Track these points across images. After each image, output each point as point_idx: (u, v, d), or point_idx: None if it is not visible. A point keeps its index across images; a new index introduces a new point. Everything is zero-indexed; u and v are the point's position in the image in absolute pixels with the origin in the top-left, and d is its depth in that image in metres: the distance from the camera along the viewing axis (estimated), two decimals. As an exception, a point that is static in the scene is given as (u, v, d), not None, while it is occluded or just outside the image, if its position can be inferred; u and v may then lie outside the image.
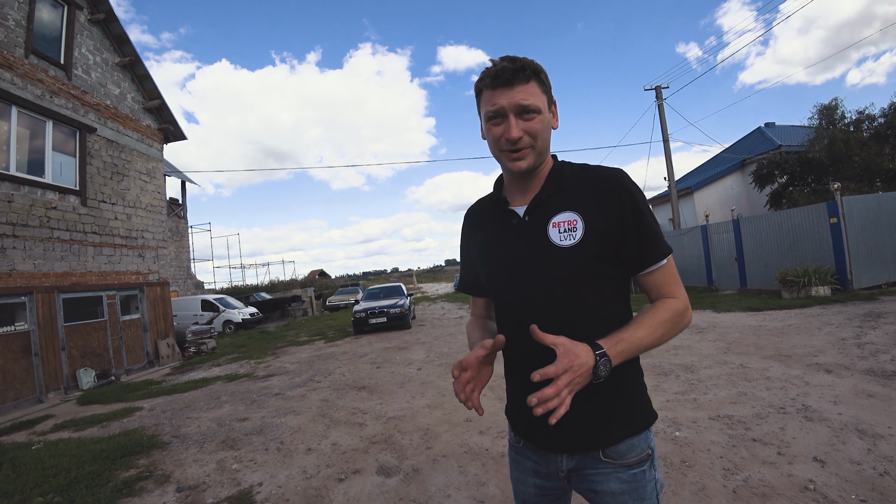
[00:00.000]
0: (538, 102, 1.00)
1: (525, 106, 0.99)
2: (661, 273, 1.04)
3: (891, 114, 13.59)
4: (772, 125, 22.15)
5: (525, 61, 1.01)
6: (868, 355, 4.90)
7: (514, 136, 0.99)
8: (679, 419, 3.70)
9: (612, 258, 1.02)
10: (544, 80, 1.04)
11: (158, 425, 5.08)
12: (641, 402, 1.09)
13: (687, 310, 1.04)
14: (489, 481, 3.00)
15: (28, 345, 6.98)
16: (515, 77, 0.99)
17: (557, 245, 1.02)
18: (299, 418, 4.84)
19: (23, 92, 7.15)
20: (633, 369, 1.07)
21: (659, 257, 1.03)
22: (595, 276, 1.03)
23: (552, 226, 1.04)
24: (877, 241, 9.76)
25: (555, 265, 1.02)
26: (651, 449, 1.06)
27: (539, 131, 1.02)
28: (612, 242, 1.01)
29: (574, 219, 1.02)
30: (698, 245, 13.90)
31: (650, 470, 1.05)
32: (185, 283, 21.25)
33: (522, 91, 0.99)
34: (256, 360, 9.28)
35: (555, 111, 1.09)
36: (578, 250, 1.00)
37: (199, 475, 3.55)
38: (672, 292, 1.05)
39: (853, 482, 2.51)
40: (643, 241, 1.01)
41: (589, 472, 1.05)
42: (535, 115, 1.00)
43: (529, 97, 0.99)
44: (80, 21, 8.57)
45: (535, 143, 1.02)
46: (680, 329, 1.04)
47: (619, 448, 1.03)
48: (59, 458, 3.97)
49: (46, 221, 7.44)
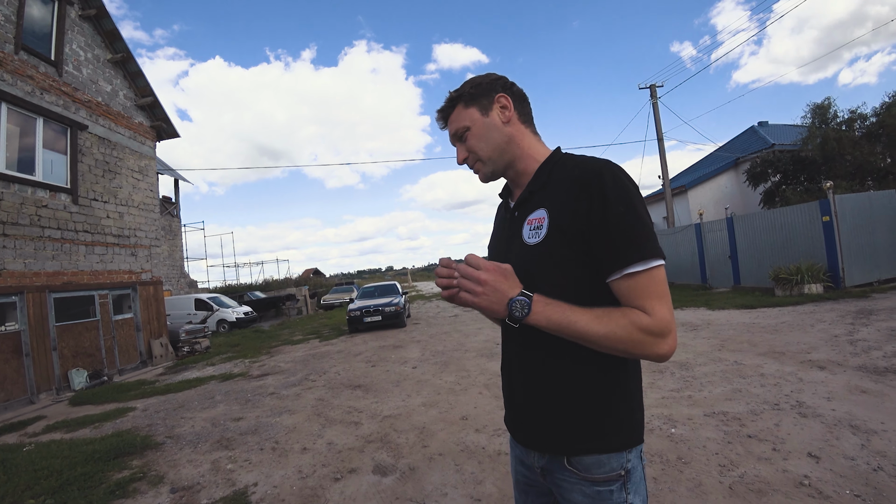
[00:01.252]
0: (463, 122, 1.10)
1: (455, 132, 1.12)
2: (634, 281, 0.90)
3: (882, 113, 13.69)
4: (765, 124, 22.29)
5: (449, 95, 1.13)
6: (860, 352, 4.94)
7: (460, 160, 1.14)
8: (674, 416, 3.71)
9: (584, 259, 0.95)
10: (467, 96, 1.10)
11: (152, 426, 5.04)
12: (619, 419, 1.00)
13: (660, 336, 0.88)
14: (486, 479, 3.00)
15: (19, 345, 6.90)
16: (445, 115, 1.15)
17: (526, 242, 1.03)
18: (294, 417, 4.81)
19: (12, 88, 7.05)
20: (615, 379, 1.00)
21: (627, 261, 0.89)
22: (564, 277, 0.97)
23: (527, 223, 1.05)
24: (869, 240, 9.84)
25: (522, 262, 1.01)
26: (625, 471, 0.98)
27: (475, 144, 1.10)
28: (579, 241, 0.94)
29: (542, 216, 1.01)
30: (692, 243, 13.98)
31: (620, 492, 0.98)
32: (179, 282, 21.10)
33: (452, 122, 1.13)
34: (251, 360, 9.23)
35: (503, 104, 1.09)
36: (541, 248, 0.99)
37: (194, 476, 3.52)
38: (644, 306, 0.89)
39: (847, 477, 2.53)
40: (610, 241, 0.91)
41: (557, 476, 1.04)
42: (466, 134, 1.11)
43: (455, 122, 1.12)
44: (71, 17, 8.46)
45: (479, 156, 1.11)
46: (643, 351, 0.90)
47: (583, 460, 0.99)
48: (50, 459, 3.92)
49: (37, 220, 7.36)
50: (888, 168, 13.39)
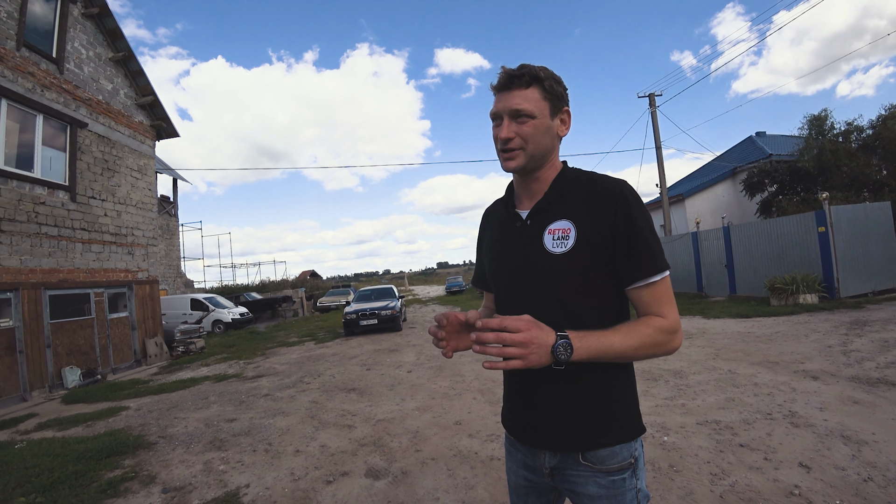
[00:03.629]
0: (532, 108, 1.04)
1: (518, 110, 1.05)
2: (652, 290, 1.02)
3: (878, 125, 13.81)
4: (763, 134, 22.44)
5: (528, 68, 1.06)
6: (854, 363, 4.96)
7: (504, 136, 1.06)
8: (667, 424, 3.72)
9: (604, 268, 1.03)
10: (548, 87, 1.06)
11: (145, 425, 5.02)
12: (626, 412, 1.08)
13: (675, 333, 1.01)
14: (478, 484, 3.00)
15: (12, 342, 6.86)
16: (512, 83, 1.06)
17: (550, 252, 1.05)
18: (288, 419, 4.80)
19: (13, 85, 7.06)
20: (620, 377, 1.07)
21: (649, 273, 1.01)
22: (586, 284, 1.04)
23: (548, 232, 1.07)
24: (864, 251, 9.91)
25: (546, 270, 1.06)
26: (634, 458, 1.06)
27: (530, 135, 1.06)
28: (604, 252, 1.02)
29: (568, 227, 1.05)
30: (689, 251, 14.03)
31: (631, 479, 1.05)
32: (175, 282, 21.04)
33: (519, 96, 1.05)
34: (246, 361, 9.20)
35: (565, 119, 1.12)
36: (569, 258, 1.03)
37: (186, 476, 3.51)
38: (661, 311, 1.02)
39: (838, 487, 2.54)
40: (633, 254, 1.01)
41: (570, 473, 1.08)
42: (527, 120, 1.05)
43: (524, 102, 1.05)
44: (74, 15, 8.48)
45: (525, 145, 1.06)
46: (663, 349, 1.01)
47: (598, 453, 1.04)
48: (42, 457, 3.90)
49: (34, 216, 7.34)
50: (884, 180, 13.49)
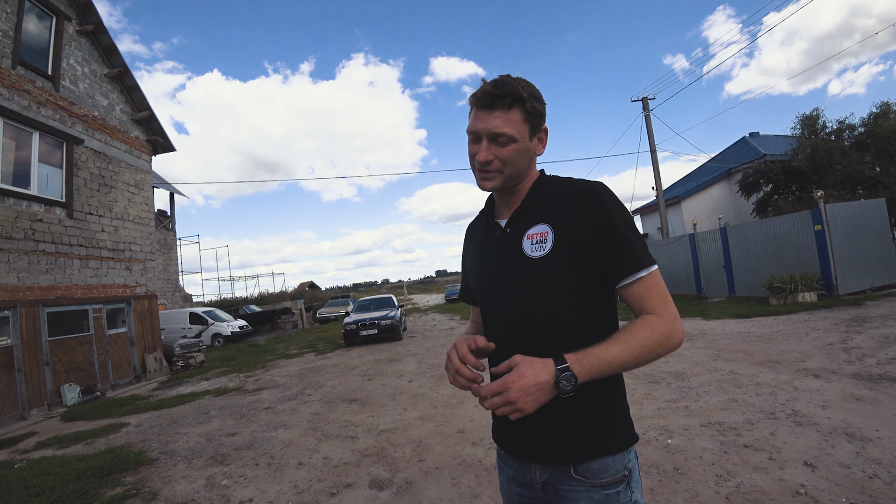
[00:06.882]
0: (513, 131, 1.01)
1: (498, 134, 1.01)
2: (641, 287, 0.99)
3: (870, 123, 13.94)
4: (756, 135, 22.61)
5: (510, 87, 1.00)
6: (855, 359, 4.97)
7: (483, 160, 1.03)
8: (671, 427, 3.71)
9: (587, 270, 1.01)
10: (530, 108, 1.02)
11: (145, 441, 4.98)
12: (619, 421, 1.05)
13: (673, 329, 0.98)
14: (483, 493, 2.98)
15: (11, 360, 6.82)
16: (495, 103, 1.00)
17: (529, 256, 1.05)
18: (290, 432, 4.77)
19: (9, 103, 7.08)
20: (609, 386, 1.04)
21: (634, 268, 0.99)
22: (568, 287, 1.02)
23: (526, 237, 1.07)
24: (860, 248, 9.95)
25: (525, 275, 1.04)
26: (628, 470, 1.02)
27: (510, 159, 1.04)
28: (584, 253, 1.00)
29: (545, 230, 1.04)
30: (687, 253, 14.07)
31: (626, 492, 1.01)
32: (174, 296, 20.96)
33: (500, 118, 1.01)
34: (246, 374, 9.15)
35: (542, 137, 1.10)
36: (548, 261, 1.02)
37: (188, 492, 3.47)
38: (654, 308, 0.99)
39: (843, 485, 2.53)
40: (616, 252, 0.99)
41: (562, 488, 1.04)
42: (508, 143, 1.02)
43: (505, 125, 1.01)
44: (69, 32, 8.54)
45: (503, 168, 1.05)
46: (665, 349, 0.97)
47: (590, 466, 1.00)
48: (42, 476, 3.87)
49: (31, 234, 7.33)
50: (877, 177, 13.59)
